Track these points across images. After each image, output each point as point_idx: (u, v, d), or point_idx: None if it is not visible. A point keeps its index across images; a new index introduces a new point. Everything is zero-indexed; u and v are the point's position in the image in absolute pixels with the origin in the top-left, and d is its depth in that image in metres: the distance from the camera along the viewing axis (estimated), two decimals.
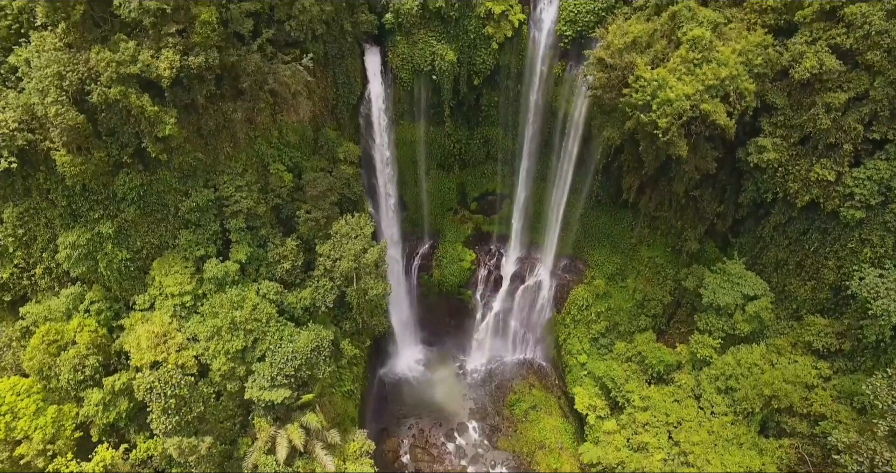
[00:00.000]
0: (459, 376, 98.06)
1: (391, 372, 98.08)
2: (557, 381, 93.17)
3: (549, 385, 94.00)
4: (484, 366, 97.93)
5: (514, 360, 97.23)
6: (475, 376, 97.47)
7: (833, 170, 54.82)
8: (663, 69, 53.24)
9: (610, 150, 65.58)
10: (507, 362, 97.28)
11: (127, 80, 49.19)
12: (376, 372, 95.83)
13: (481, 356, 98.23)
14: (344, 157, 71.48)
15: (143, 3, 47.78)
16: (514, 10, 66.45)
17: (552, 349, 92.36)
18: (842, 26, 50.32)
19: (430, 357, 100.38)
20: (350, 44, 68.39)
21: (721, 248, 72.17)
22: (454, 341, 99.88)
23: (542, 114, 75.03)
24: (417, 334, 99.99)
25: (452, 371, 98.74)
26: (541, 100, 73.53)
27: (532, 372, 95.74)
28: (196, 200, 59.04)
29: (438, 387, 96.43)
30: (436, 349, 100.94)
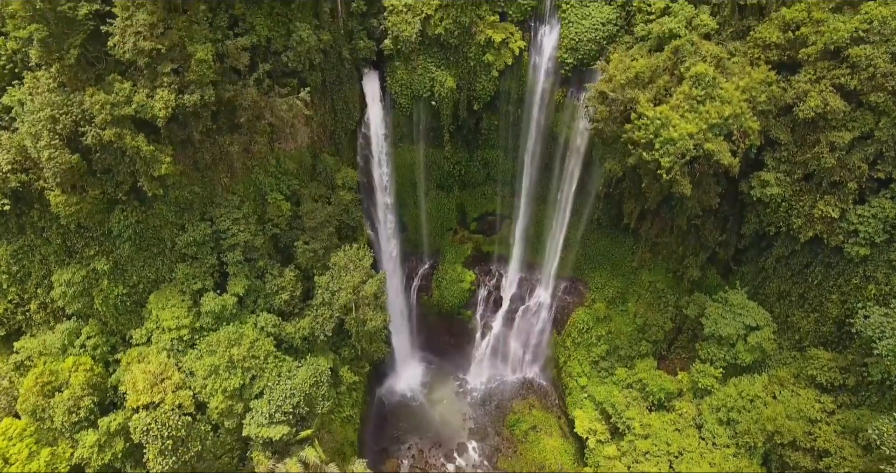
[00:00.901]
0: (459, 395, 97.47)
1: (391, 391, 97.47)
2: (557, 401, 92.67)
3: (549, 405, 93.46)
4: (484, 385, 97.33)
5: (513, 380, 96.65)
6: (475, 395, 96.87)
7: (837, 207, 54.20)
8: (666, 107, 52.48)
9: (611, 180, 64.72)
10: (506, 381, 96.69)
11: (122, 122, 48.46)
12: (375, 391, 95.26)
13: (481, 375, 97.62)
14: (342, 183, 70.74)
15: (138, 43, 46.99)
16: (515, 38, 65.59)
17: (552, 369, 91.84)
18: (846, 66, 49.62)
19: (430, 375, 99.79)
20: (348, 70, 67.64)
21: (723, 275, 71.55)
22: (454, 359, 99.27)
23: (543, 139, 74.30)
24: (417, 353, 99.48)
25: (452, 389, 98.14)
26: (541, 125, 72.81)
27: (532, 392, 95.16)
28: (193, 235, 58.34)
29: (438, 407, 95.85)
30: (435, 367, 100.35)
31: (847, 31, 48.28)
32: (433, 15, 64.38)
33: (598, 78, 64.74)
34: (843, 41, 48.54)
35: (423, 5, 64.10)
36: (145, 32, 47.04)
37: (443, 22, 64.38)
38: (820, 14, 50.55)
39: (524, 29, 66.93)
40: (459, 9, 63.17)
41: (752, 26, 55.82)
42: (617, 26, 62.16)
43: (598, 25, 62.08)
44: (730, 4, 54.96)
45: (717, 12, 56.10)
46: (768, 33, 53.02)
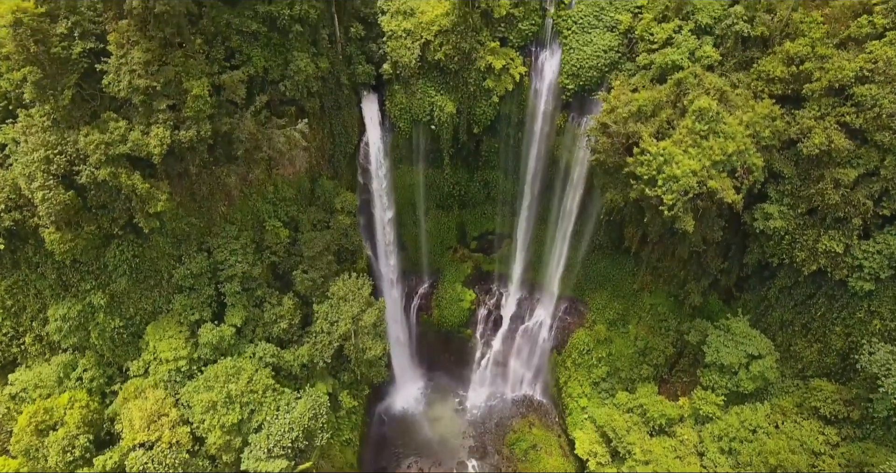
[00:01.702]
0: (459, 412, 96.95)
1: (391, 408, 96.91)
2: (558, 419, 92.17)
3: (549, 423, 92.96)
4: (484, 403, 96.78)
5: (513, 397, 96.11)
6: (475, 412, 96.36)
7: (841, 242, 53.58)
8: (669, 142, 51.80)
9: (612, 208, 64.01)
10: (506, 399, 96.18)
11: (116, 161, 47.82)
12: (375, 409, 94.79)
13: (481, 392, 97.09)
14: (341, 207, 70.07)
15: (133, 81, 46.37)
16: (515, 63, 64.84)
17: (552, 387, 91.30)
18: (851, 105, 48.91)
19: (430, 392, 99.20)
20: (346, 95, 66.95)
21: (725, 301, 70.93)
22: (454, 376, 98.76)
23: (544, 162, 73.67)
24: (417, 369, 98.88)
25: (452, 407, 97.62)
26: (542, 149, 72.16)
27: (532, 410, 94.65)
28: (190, 268, 57.81)
29: (438, 425, 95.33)
30: (435, 384, 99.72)
31: (852, 70, 47.58)
32: (433, 40, 63.65)
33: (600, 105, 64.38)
34: (848, 80, 47.81)
35: (422, 31, 63.40)
36: (140, 70, 46.44)
37: (442, 47, 63.62)
38: (824, 50, 49.86)
39: (525, 54, 66.18)
40: (459, 35, 62.37)
41: (756, 58, 55.09)
42: (619, 53, 61.44)
43: (599, 52, 61.35)
44: (733, 36, 54.14)
45: (720, 43, 55.35)
46: (772, 67, 52.31)
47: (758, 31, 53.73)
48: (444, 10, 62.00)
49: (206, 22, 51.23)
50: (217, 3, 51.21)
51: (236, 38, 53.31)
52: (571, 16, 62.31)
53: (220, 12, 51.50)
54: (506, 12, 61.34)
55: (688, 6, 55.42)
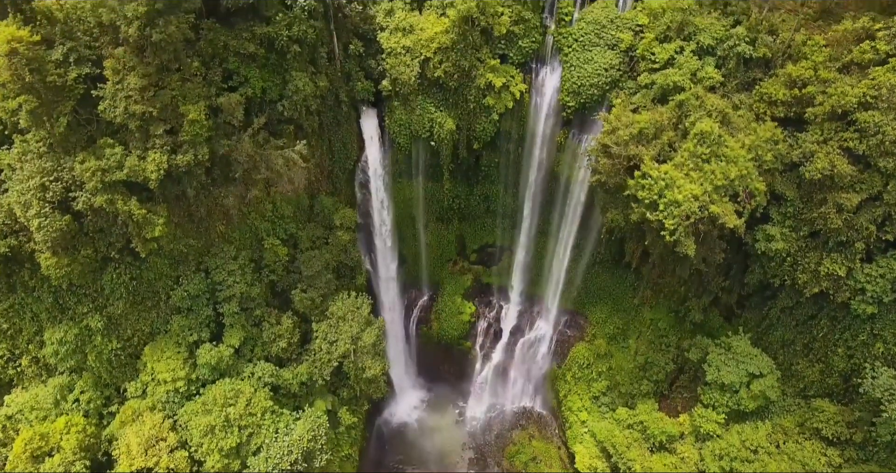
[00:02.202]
0: (459, 423, 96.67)
1: (390, 419, 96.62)
2: (558, 431, 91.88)
3: (549, 435, 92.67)
4: (483, 414, 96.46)
5: (513, 409, 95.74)
6: (474, 424, 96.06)
7: (844, 265, 53.17)
8: (670, 165, 51.40)
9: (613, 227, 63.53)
10: (506, 411, 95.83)
11: (113, 187, 47.39)
12: (374, 419, 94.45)
13: (481, 403, 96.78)
14: (340, 224, 69.70)
15: (129, 107, 45.94)
16: (516, 81, 64.33)
17: (552, 399, 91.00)
18: (854, 130, 48.41)
19: (430, 403, 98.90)
20: (346, 112, 66.43)
21: (726, 317, 70.53)
22: (453, 387, 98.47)
23: (544, 177, 73.28)
24: (416, 380, 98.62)
25: (452, 418, 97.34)
26: (542, 165, 71.75)
27: (532, 422, 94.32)
28: (187, 289, 57.49)
29: (438, 435, 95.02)
30: (435, 394, 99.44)
31: (855, 96, 47.10)
32: (432, 58, 63.15)
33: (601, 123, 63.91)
34: (851, 106, 47.33)
35: (421, 48, 62.89)
36: (136, 96, 46.03)
37: (442, 65, 63.12)
38: (827, 74, 49.39)
39: (525, 70, 65.70)
40: (459, 52, 61.85)
41: (758, 79, 54.63)
42: (620, 72, 60.96)
43: (600, 71, 60.86)
44: (734, 57, 53.67)
45: (722, 64, 54.87)
46: (774, 90, 51.84)
47: (760, 53, 53.29)
48: (443, 27, 61.43)
49: (203, 44, 50.76)
50: (214, 25, 50.64)
51: (234, 59, 52.82)
52: (572, 33, 61.79)
53: (217, 34, 50.94)
54: (506, 30, 60.76)
55: (689, 27, 54.89)
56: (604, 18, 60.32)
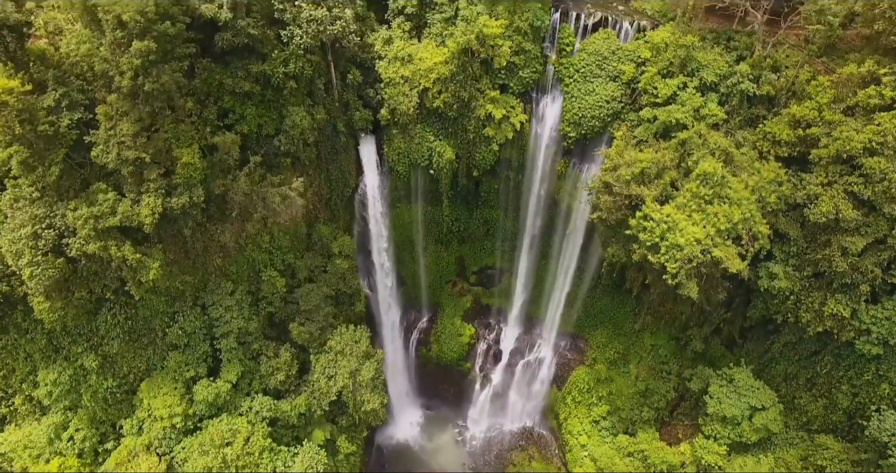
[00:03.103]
0: (458, 443, 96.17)
1: (390, 438, 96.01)
2: (558, 452, 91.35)
3: (550, 455, 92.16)
4: (483, 433, 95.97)
5: (513, 429, 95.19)
6: (474, 443, 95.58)
7: (848, 306, 52.48)
8: (672, 207, 50.63)
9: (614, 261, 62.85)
10: (506, 431, 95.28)
11: (106, 234, 46.61)
12: (374, 439, 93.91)
13: (480, 423, 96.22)
14: (339, 252, 69.05)
15: (122, 153, 45.14)
16: (516, 111, 63.42)
17: (552, 420, 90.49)
18: (859, 175, 47.59)
19: (429, 422, 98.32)
20: (344, 141, 65.57)
21: (727, 346, 69.90)
22: (453, 406, 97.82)
23: (545, 204, 72.55)
24: (416, 399, 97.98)
25: (451, 437, 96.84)
26: (543, 192, 71.02)
27: (532, 442, 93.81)
28: (183, 326, 56.87)
29: (437, 455, 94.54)
30: (434, 413, 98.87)
31: (860, 142, 46.30)
32: (431, 88, 62.25)
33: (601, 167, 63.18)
34: (857, 151, 46.50)
35: (420, 78, 61.95)
36: (129, 141, 45.23)
37: (441, 95, 62.27)
38: (831, 115, 48.59)
39: (525, 100, 64.80)
40: (459, 84, 61.04)
41: (762, 115, 53.89)
42: (622, 104, 60.15)
43: (602, 102, 60.05)
44: (738, 95, 52.88)
45: (725, 101, 54.07)
46: (777, 129, 51.09)
47: (763, 91, 52.58)
48: (442, 58, 60.50)
49: (198, 83, 49.93)
50: (209, 65, 49.76)
51: (229, 98, 51.98)
52: (573, 64, 60.94)
53: (212, 74, 50.11)
54: (506, 62, 59.82)
55: (692, 63, 54.03)
56: (605, 50, 59.42)
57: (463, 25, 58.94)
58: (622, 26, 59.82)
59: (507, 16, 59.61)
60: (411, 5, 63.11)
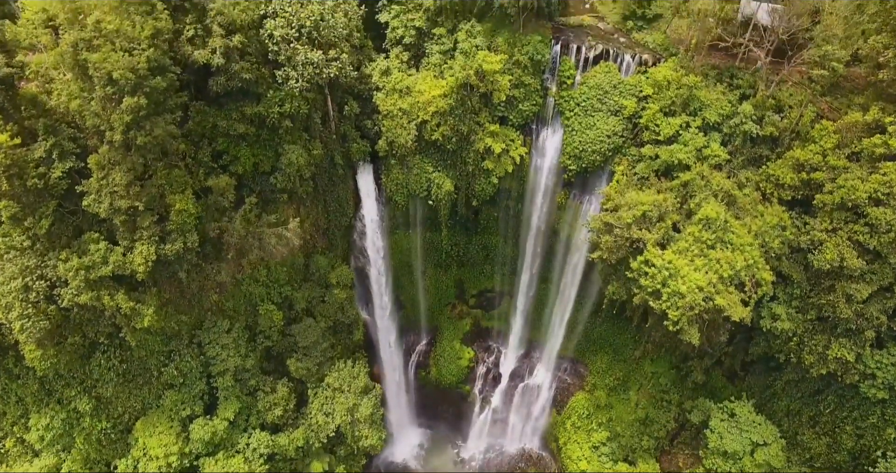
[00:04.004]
0: (457, 464, 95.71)
1: (389, 459, 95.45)
2: None
3: None
4: (482, 455, 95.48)
5: (512, 450, 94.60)
6: (473, 464, 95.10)
7: (853, 350, 51.63)
8: (674, 252, 49.83)
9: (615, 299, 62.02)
10: (505, 452, 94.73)
11: (98, 283, 45.85)
12: (373, 460, 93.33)
13: (479, 444, 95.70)
14: (337, 282, 68.33)
15: (114, 203, 44.33)
16: (515, 145, 62.52)
17: (552, 442, 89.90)
18: (864, 224, 46.70)
19: (428, 442, 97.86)
20: (341, 173, 64.74)
21: (728, 378, 69.19)
22: (452, 426, 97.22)
23: (545, 232, 71.68)
24: (415, 420, 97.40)
25: (450, 458, 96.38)
26: (543, 221, 70.10)
27: (532, 464, 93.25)
28: (179, 367, 56.24)
29: None
30: (433, 433, 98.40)
31: (866, 192, 45.46)
32: (430, 120, 61.39)
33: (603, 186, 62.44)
34: (862, 200, 45.64)
35: (419, 110, 61.12)
36: (121, 191, 44.37)
37: (440, 128, 61.45)
38: (836, 161, 47.76)
39: (525, 132, 63.91)
40: (458, 117, 60.22)
41: (765, 155, 53.01)
42: (623, 138, 59.22)
43: (602, 137, 59.14)
44: (741, 135, 51.98)
45: (728, 141, 53.19)
46: (781, 173, 50.28)
47: (767, 131, 51.67)
48: (441, 91, 59.61)
49: (191, 125, 49.09)
50: (203, 108, 48.87)
51: (223, 140, 51.07)
52: (574, 97, 60.03)
53: (205, 116, 49.28)
54: (506, 97, 58.89)
55: (695, 102, 53.16)
56: (606, 84, 58.48)
57: (462, 59, 58.04)
58: (623, 59, 58.87)
59: (507, 48, 58.76)
60: (409, 35, 62.31)
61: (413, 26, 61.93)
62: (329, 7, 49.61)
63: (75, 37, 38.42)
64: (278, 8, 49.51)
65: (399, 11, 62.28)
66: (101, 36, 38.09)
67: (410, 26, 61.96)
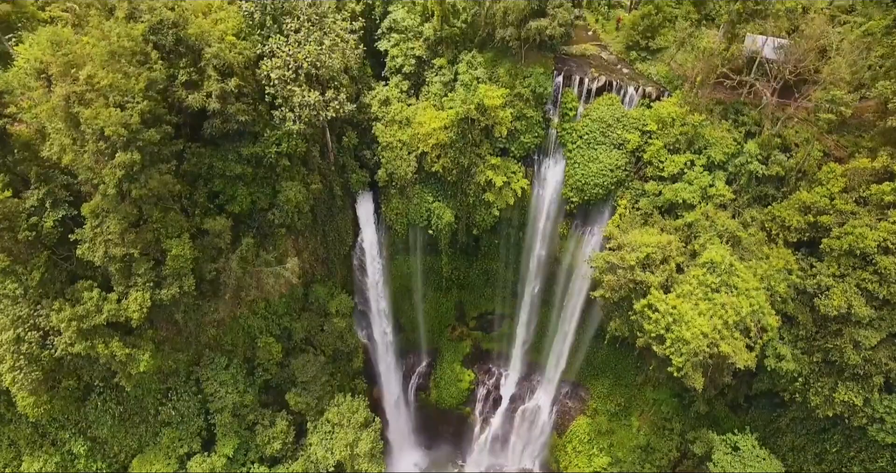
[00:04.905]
0: None
1: None
2: None
3: None
4: None
5: (513, 470, 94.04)
6: None
7: (861, 394, 50.74)
8: (678, 295, 48.97)
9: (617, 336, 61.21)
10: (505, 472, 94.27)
11: (92, 332, 45.04)
12: None
13: (480, 463, 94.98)
14: (336, 311, 67.55)
15: (109, 251, 43.46)
16: (517, 177, 61.58)
17: (552, 463, 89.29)
18: (873, 272, 45.75)
19: (429, 461, 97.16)
20: (340, 205, 63.90)
21: (731, 408, 68.40)
22: (452, 445, 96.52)
23: (546, 259, 70.92)
24: (416, 439, 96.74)
25: None
26: (545, 249, 69.37)
27: None
28: (176, 406, 55.54)
29: None
30: (434, 452, 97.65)
31: (875, 240, 44.50)
32: (430, 152, 60.46)
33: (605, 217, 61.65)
34: (871, 249, 44.71)
35: (419, 142, 60.20)
36: (115, 239, 43.46)
37: (440, 160, 60.53)
38: (843, 205, 46.79)
39: (527, 162, 63.00)
40: (458, 150, 59.30)
41: (770, 194, 52.14)
42: (626, 172, 58.33)
43: (605, 171, 58.26)
44: (746, 174, 51.08)
45: (734, 180, 52.29)
46: (787, 215, 49.39)
47: (772, 171, 50.78)
48: (442, 123, 58.63)
49: (187, 167, 48.16)
50: (198, 149, 47.93)
51: (219, 180, 50.15)
52: (577, 129, 59.13)
53: (201, 158, 48.37)
54: (507, 131, 57.94)
55: (700, 141, 52.24)
56: (609, 117, 57.55)
57: (463, 92, 57.13)
58: (627, 91, 57.94)
59: (509, 79, 57.83)
60: (409, 65, 61.37)
61: (413, 55, 61.01)
62: (326, 48, 48.54)
63: (67, 90, 37.50)
64: (275, 47, 48.54)
65: (399, 40, 61.28)
66: (93, 90, 37.14)
67: (410, 55, 61.03)
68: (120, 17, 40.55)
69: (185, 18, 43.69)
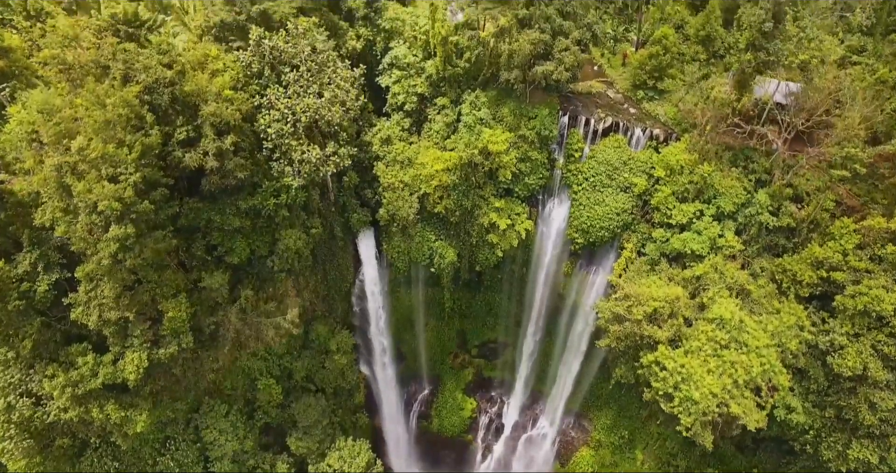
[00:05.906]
0: None
1: None
2: None
3: None
4: None
5: None
6: None
7: (876, 453, 49.59)
8: (686, 353, 47.83)
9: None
10: None
11: (86, 397, 43.92)
12: None
13: None
14: (336, 348, 66.44)
15: (104, 314, 42.29)
16: (521, 219, 60.33)
17: None
18: (889, 334, 44.62)
19: None
20: (341, 245, 62.70)
21: (738, 447, 67.35)
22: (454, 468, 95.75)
23: (550, 296, 69.76)
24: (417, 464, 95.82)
25: None
26: (548, 286, 68.25)
27: None
28: (175, 457, 54.42)
29: None
30: None
31: (891, 303, 43.35)
32: (432, 193, 59.18)
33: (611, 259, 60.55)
34: (887, 312, 43.56)
35: (421, 183, 58.90)
36: (110, 303, 42.25)
37: (443, 201, 59.24)
38: (858, 262, 45.68)
39: (531, 202, 61.77)
40: (461, 192, 58.03)
41: (781, 244, 50.95)
42: (632, 216, 57.13)
43: (612, 214, 57.07)
44: (757, 225, 49.86)
45: (743, 230, 51.08)
46: (799, 269, 48.21)
47: (783, 222, 49.58)
48: (444, 165, 57.21)
49: (184, 221, 46.89)
50: (195, 204, 46.60)
51: (217, 234, 48.81)
52: (582, 171, 57.90)
53: (198, 213, 46.97)
54: (511, 175, 56.69)
55: (709, 190, 50.97)
56: (616, 159, 56.31)
57: (466, 135, 55.79)
58: (634, 133, 56.65)
59: (513, 120, 56.51)
60: (411, 102, 60.04)
61: (415, 93, 59.70)
62: (326, 101, 47.16)
63: (59, 160, 36.23)
64: (273, 99, 47.20)
65: (400, 76, 59.92)
66: (85, 161, 35.86)
67: (412, 93, 59.70)
68: (117, 79, 39.10)
69: (181, 72, 42.29)
